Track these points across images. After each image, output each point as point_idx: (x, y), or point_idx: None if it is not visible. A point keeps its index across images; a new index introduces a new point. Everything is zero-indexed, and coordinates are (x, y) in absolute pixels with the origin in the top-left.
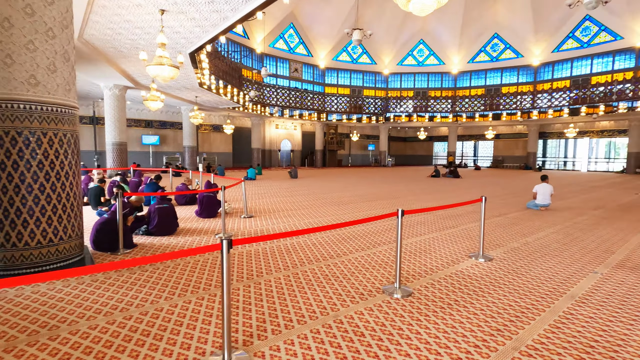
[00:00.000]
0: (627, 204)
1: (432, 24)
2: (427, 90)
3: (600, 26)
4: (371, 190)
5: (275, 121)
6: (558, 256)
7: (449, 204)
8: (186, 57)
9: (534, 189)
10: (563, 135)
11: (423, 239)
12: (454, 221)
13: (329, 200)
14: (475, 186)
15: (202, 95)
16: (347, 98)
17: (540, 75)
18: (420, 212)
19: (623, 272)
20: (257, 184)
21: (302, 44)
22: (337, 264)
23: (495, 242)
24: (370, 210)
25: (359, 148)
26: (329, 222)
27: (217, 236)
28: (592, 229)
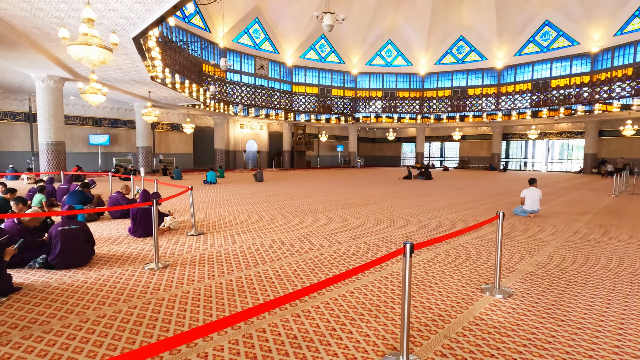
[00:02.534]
0: (609, 207)
1: (399, 24)
2: (396, 91)
3: (558, 31)
4: (344, 194)
5: (240, 120)
6: (585, 284)
7: (429, 207)
8: (131, 44)
9: (521, 194)
10: (525, 136)
11: (416, 261)
12: (441, 234)
13: (298, 208)
14: (450, 188)
15: (156, 90)
16: (316, 97)
17: (504, 78)
18: (434, 243)
19: None
20: (218, 189)
21: (268, 40)
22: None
23: (504, 265)
24: (348, 220)
25: (328, 149)
26: (299, 237)
27: (146, 267)
28: (597, 241)
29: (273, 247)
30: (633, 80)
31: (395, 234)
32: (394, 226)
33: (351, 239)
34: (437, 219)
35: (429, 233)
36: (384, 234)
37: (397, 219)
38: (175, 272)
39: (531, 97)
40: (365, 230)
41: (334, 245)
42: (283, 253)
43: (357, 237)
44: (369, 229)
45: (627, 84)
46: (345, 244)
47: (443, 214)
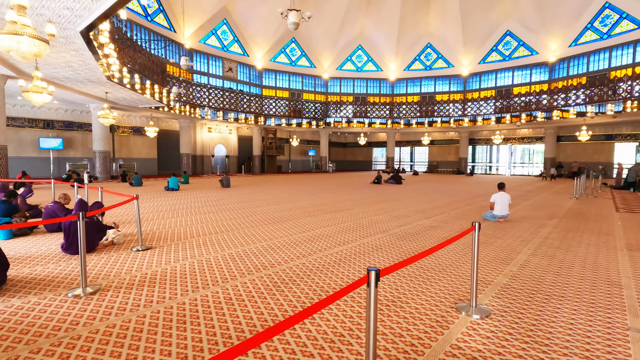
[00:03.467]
0: (572, 210)
1: (369, 30)
2: (366, 96)
3: (519, 41)
4: (313, 200)
5: (208, 124)
6: (564, 298)
7: (400, 213)
8: (79, 38)
9: (491, 199)
10: (490, 141)
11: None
12: (412, 242)
13: (264, 215)
14: (420, 193)
15: (114, 91)
16: (286, 101)
17: (469, 85)
18: (404, 266)
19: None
20: (179, 196)
21: (237, 42)
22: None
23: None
24: (315, 229)
25: (299, 153)
26: (261, 250)
27: (70, 294)
28: (567, 247)
29: (229, 262)
30: (587, 89)
31: (365, 244)
32: (364, 234)
33: (317, 251)
34: (408, 225)
35: (400, 242)
36: (353, 243)
37: (367, 227)
38: (106, 298)
39: (495, 103)
40: (333, 240)
41: (298, 258)
42: (239, 270)
43: (324, 248)
44: (337, 238)
45: (582, 92)
46: (310, 257)
47: (414, 220)
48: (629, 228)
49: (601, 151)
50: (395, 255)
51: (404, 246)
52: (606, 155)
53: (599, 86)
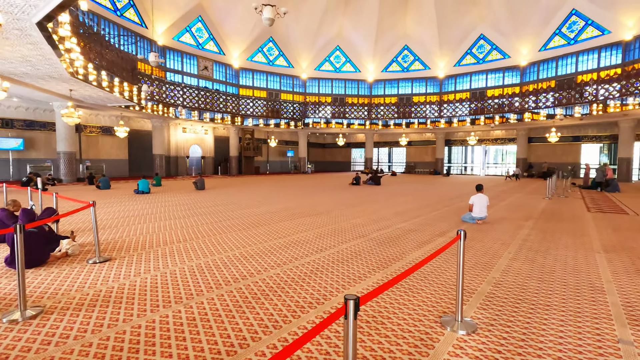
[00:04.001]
0: (547, 210)
1: (347, 31)
2: (345, 97)
3: (492, 45)
4: (291, 203)
5: (182, 124)
6: (550, 306)
7: (379, 216)
8: (35, 30)
9: (470, 201)
10: (465, 142)
11: (365, 287)
12: (392, 248)
13: (238, 220)
14: (399, 194)
15: (79, 88)
16: (264, 101)
17: (445, 87)
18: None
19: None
20: (149, 200)
21: (213, 40)
22: None
23: None
24: (292, 235)
25: (277, 154)
26: (231, 259)
27: (5, 319)
28: (546, 250)
29: (196, 275)
30: (556, 92)
31: (343, 251)
32: (343, 240)
33: (293, 259)
34: (388, 229)
35: (380, 247)
36: (331, 250)
37: (346, 231)
38: (47, 323)
39: (470, 105)
40: (310, 247)
41: (273, 268)
42: (207, 283)
43: (301, 255)
44: (315, 244)
45: (551, 95)
46: (285, 267)
47: (393, 223)
48: (602, 228)
49: (569, 152)
50: (374, 262)
51: (383, 252)
52: (574, 156)
53: (567, 89)
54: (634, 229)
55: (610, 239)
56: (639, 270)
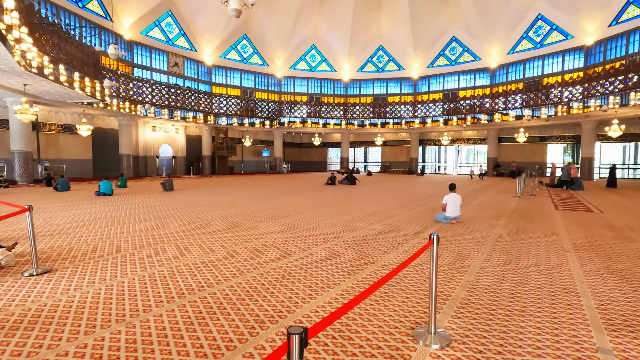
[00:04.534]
0: (517, 209)
1: (323, 30)
2: (320, 96)
3: (464, 47)
4: (264, 204)
5: (152, 122)
6: (525, 312)
7: (353, 216)
8: None
9: (443, 200)
10: (439, 142)
11: (334, 295)
12: (365, 250)
13: (205, 223)
14: (374, 194)
15: (34, 83)
16: (238, 100)
17: (419, 88)
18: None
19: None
20: (111, 202)
21: (184, 35)
22: None
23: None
24: (262, 238)
25: (252, 154)
26: (191, 268)
27: None
28: (519, 250)
29: (147, 287)
30: (524, 94)
31: (315, 254)
32: (315, 242)
33: (260, 265)
34: (362, 230)
35: (352, 249)
36: (301, 254)
37: (319, 233)
38: None
39: (443, 106)
40: (280, 251)
41: (235, 277)
42: (157, 298)
43: (269, 261)
44: (285, 248)
45: (519, 96)
46: (249, 274)
47: (367, 223)
48: (570, 226)
49: (536, 152)
50: (346, 266)
51: (356, 255)
52: (540, 155)
53: (534, 91)
54: (599, 226)
55: (579, 237)
56: (609, 269)
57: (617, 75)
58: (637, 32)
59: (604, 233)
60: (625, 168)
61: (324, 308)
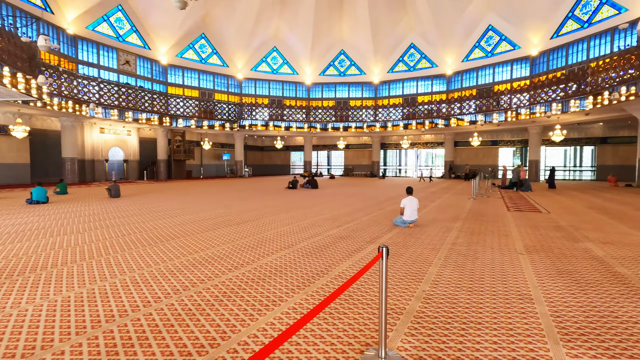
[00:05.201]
0: (472, 211)
1: (284, 32)
2: (282, 99)
3: (421, 54)
4: (218, 210)
5: (100, 124)
6: (481, 324)
7: (311, 222)
8: None
9: (401, 204)
10: (399, 146)
11: (279, 314)
12: (319, 259)
13: (149, 233)
14: (335, 197)
15: None
16: (196, 101)
17: (380, 92)
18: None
19: None
20: (44, 211)
21: (136, 32)
22: None
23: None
24: (208, 249)
25: (212, 157)
26: (113, 288)
27: None
28: (474, 254)
29: (53, 315)
30: (477, 100)
31: (264, 266)
32: (265, 252)
33: (200, 281)
34: (318, 237)
35: (305, 259)
36: (249, 266)
37: (271, 241)
38: None
39: (402, 110)
40: (225, 263)
41: (169, 296)
42: (64, 328)
43: (211, 275)
44: (232, 260)
45: (473, 102)
46: (187, 292)
47: (324, 229)
48: (522, 227)
49: (489, 155)
50: (297, 279)
51: (308, 265)
52: (492, 158)
53: (487, 98)
54: (548, 227)
55: (530, 238)
56: (559, 271)
57: (558, 84)
58: (575, 45)
59: (552, 234)
60: (566, 170)
61: (265, 332)
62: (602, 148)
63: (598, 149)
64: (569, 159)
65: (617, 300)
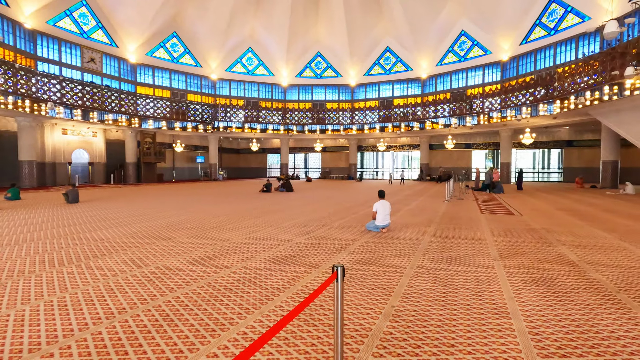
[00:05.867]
0: (447, 214)
1: (260, 33)
2: (258, 101)
3: (397, 57)
4: (181, 216)
5: (62, 124)
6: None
7: (279, 228)
8: None
9: (373, 208)
10: (376, 149)
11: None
12: (281, 272)
13: (94, 244)
14: (309, 201)
15: None
16: (168, 102)
17: (357, 95)
18: None
19: None
20: None
21: (102, 29)
22: None
23: (356, 322)
24: (159, 261)
25: (185, 160)
26: (32, 314)
27: None
28: (448, 261)
29: None
30: (451, 103)
31: (219, 280)
32: (223, 264)
33: (139, 303)
34: (284, 245)
35: (266, 272)
36: (203, 281)
37: (232, 251)
38: None
39: (379, 113)
40: (175, 278)
41: (97, 322)
42: None
43: (156, 294)
44: (183, 274)
45: (447, 105)
46: (122, 316)
47: (292, 236)
48: (495, 231)
49: (463, 157)
50: (253, 295)
51: (268, 279)
52: (466, 161)
53: (460, 101)
54: (520, 230)
55: (504, 242)
56: (535, 280)
57: (528, 88)
58: (543, 51)
59: (525, 237)
60: (535, 172)
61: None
62: (568, 151)
63: (565, 151)
64: (538, 161)
65: (595, 312)
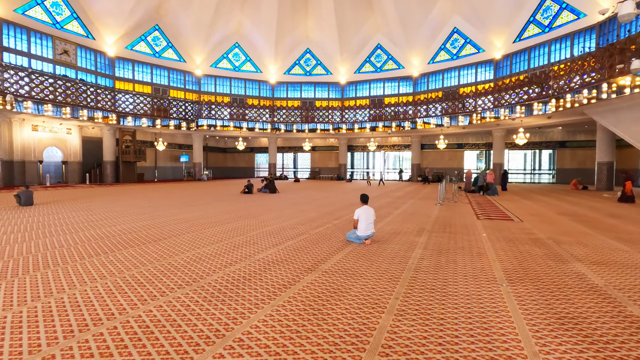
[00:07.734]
0: (439, 220)
1: (247, 29)
2: (245, 98)
3: (388, 55)
4: (150, 220)
5: (31, 120)
6: None
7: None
8: None
9: (355, 215)
10: (366, 148)
11: None
12: (229, 302)
13: (51, 252)
14: (291, 204)
15: None
16: (149, 98)
17: (347, 93)
18: None
19: None
20: None
21: (77, 19)
22: None
23: None
24: (119, 272)
25: (168, 159)
26: None
27: None
28: (443, 287)
29: None
30: (443, 102)
31: (172, 302)
32: (183, 281)
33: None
34: (244, 261)
35: (204, 304)
36: (155, 302)
37: (174, 271)
38: None
39: (369, 112)
40: (133, 296)
41: None
42: None
43: (101, 318)
44: (142, 290)
45: (439, 104)
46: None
47: (258, 249)
48: (495, 242)
49: (454, 158)
50: (177, 344)
51: (206, 316)
52: (458, 161)
53: (452, 100)
54: (525, 241)
55: (509, 258)
56: (559, 316)
57: (521, 87)
58: (537, 49)
59: (532, 250)
60: (527, 173)
61: None
62: (561, 152)
63: (557, 152)
64: (529, 162)
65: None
